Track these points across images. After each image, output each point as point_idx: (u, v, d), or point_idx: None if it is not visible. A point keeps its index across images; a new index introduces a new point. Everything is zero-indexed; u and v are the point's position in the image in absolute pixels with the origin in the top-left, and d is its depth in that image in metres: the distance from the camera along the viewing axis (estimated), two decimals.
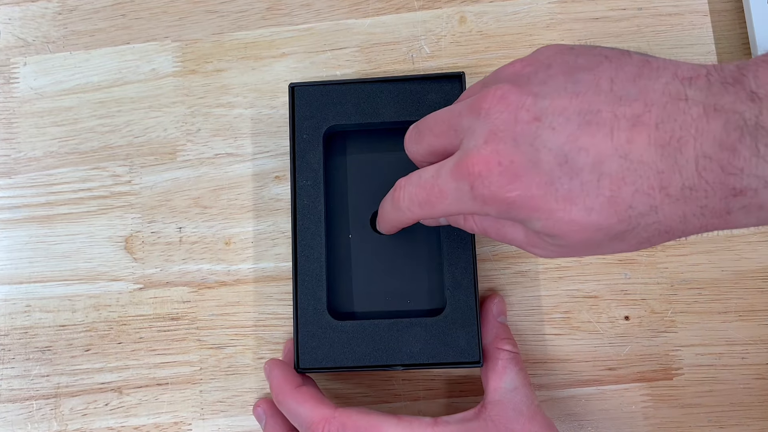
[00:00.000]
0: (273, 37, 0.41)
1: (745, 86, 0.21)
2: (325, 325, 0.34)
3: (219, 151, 0.40)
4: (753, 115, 0.20)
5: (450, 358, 0.33)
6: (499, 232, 0.28)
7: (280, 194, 0.39)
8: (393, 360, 0.33)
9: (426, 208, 0.27)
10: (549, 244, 0.25)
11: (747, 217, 0.21)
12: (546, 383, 0.37)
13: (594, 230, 0.23)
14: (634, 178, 0.22)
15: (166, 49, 0.41)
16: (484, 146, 0.24)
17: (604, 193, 0.22)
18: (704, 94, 0.21)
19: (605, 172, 0.22)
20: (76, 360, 0.38)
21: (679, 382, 0.37)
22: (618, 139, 0.22)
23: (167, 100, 0.40)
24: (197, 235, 0.39)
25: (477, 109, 0.25)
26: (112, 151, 0.40)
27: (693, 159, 0.21)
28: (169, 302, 0.38)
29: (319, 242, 0.35)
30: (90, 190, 0.40)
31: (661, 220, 0.22)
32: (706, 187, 0.21)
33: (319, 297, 0.34)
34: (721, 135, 0.20)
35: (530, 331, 0.37)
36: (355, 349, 0.34)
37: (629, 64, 0.23)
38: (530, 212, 0.23)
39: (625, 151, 0.22)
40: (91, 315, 0.38)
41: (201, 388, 0.37)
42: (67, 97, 0.41)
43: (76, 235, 0.39)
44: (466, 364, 0.33)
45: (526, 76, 0.25)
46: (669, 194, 0.21)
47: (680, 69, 0.22)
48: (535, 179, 0.23)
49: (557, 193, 0.23)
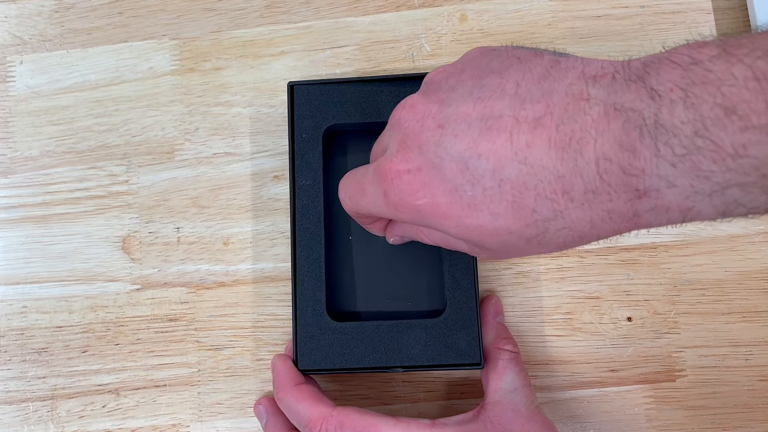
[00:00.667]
0: (272, 36, 0.40)
1: (647, 83, 0.20)
2: (324, 326, 0.34)
3: (217, 151, 0.39)
4: (652, 113, 0.19)
5: (450, 360, 0.33)
6: (447, 243, 0.28)
7: (279, 194, 0.39)
8: (393, 362, 0.33)
9: (354, 201, 0.28)
10: (480, 250, 0.25)
11: (657, 219, 0.21)
12: (547, 385, 0.37)
13: (506, 234, 0.23)
14: (534, 182, 0.21)
15: (163, 48, 0.41)
16: (395, 154, 0.24)
17: (507, 198, 0.22)
18: (606, 92, 0.21)
19: (505, 178, 0.22)
20: (73, 361, 0.38)
21: (682, 383, 0.36)
22: (518, 144, 0.22)
23: (165, 99, 0.40)
24: (195, 235, 0.39)
25: (393, 120, 0.26)
26: (109, 150, 0.40)
27: (593, 161, 0.20)
28: (167, 303, 0.38)
29: (319, 242, 0.35)
30: (87, 189, 0.39)
31: (570, 226, 0.22)
32: (608, 189, 0.20)
33: (318, 298, 0.34)
34: (621, 135, 0.20)
35: (531, 332, 0.37)
36: (354, 350, 0.33)
37: (538, 66, 0.23)
38: (440, 220, 0.24)
39: (525, 155, 0.21)
40: (88, 316, 0.38)
41: (199, 390, 0.37)
42: (64, 95, 0.40)
43: (73, 236, 0.39)
44: (467, 366, 0.33)
45: (437, 83, 0.26)
46: (572, 198, 0.21)
47: (588, 67, 0.22)
48: (440, 187, 0.23)
49: (461, 200, 0.23)
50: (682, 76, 0.19)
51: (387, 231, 0.33)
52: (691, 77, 0.19)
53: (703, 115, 0.18)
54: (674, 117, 0.19)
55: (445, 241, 0.29)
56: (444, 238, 0.29)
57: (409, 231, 0.31)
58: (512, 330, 0.36)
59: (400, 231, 0.32)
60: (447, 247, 0.29)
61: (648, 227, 0.22)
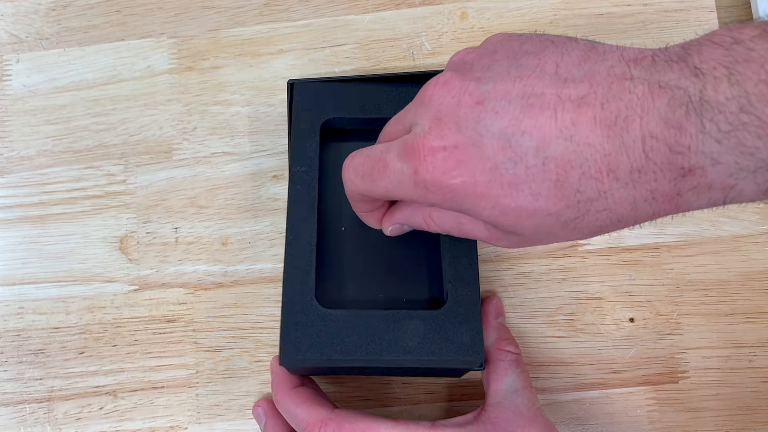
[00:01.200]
0: (270, 34, 0.40)
1: (689, 63, 0.20)
2: (311, 312, 0.31)
3: (216, 150, 0.39)
4: (697, 90, 0.19)
5: (452, 355, 0.30)
6: (461, 229, 0.27)
7: (278, 194, 0.38)
8: (388, 354, 0.30)
9: (367, 180, 0.26)
10: (504, 236, 0.24)
11: (698, 199, 0.21)
12: (549, 386, 0.36)
13: (543, 216, 0.22)
14: (580, 161, 0.21)
15: (161, 46, 0.40)
16: (429, 131, 0.23)
17: (550, 177, 0.21)
18: (649, 72, 0.21)
19: (550, 156, 0.21)
20: (70, 363, 0.37)
21: (685, 385, 0.36)
22: (562, 121, 0.21)
23: (163, 98, 0.40)
24: (193, 235, 0.38)
25: (422, 98, 0.25)
26: (106, 149, 0.39)
27: (639, 139, 0.20)
28: (164, 304, 0.38)
29: (311, 229, 0.32)
30: (84, 189, 0.39)
31: (611, 207, 0.22)
32: (654, 168, 0.20)
33: (307, 284, 0.31)
34: (666, 112, 0.20)
35: (533, 333, 0.37)
36: (344, 340, 0.30)
37: (575, 49, 0.23)
38: (475, 200, 0.23)
39: (570, 132, 0.21)
40: (85, 317, 0.38)
41: (197, 392, 0.37)
42: (61, 94, 0.40)
43: (70, 236, 0.39)
44: (466, 364, 0.31)
45: (469, 62, 0.25)
46: (618, 178, 0.21)
47: (626, 52, 0.22)
48: (479, 165, 0.22)
49: (502, 178, 0.22)
50: (725, 55, 0.19)
51: (385, 219, 0.31)
52: (733, 56, 0.19)
53: (748, 92, 0.19)
54: (719, 94, 0.19)
55: (458, 227, 0.27)
56: (457, 224, 0.27)
57: (415, 217, 0.29)
58: (513, 331, 0.36)
59: (402, 218, 0.30)
60: (458, 234, 0.27)
61: (687, 209, 0.22)
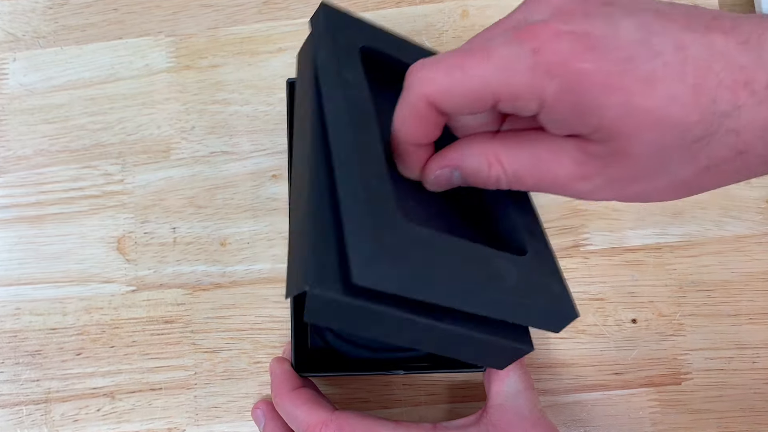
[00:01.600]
0: (270, 32, 0.40)
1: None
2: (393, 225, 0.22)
3: (214, 149, 0.39)
4: None
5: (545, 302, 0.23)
6: (537, 168, 0.22)
7: (278, 193, 0.38)
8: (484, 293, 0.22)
9: (456, 73, 0.21)
10: (603, 165, 0.21)
11: None
12: (550, 388, 0.36)
13: (670, 127, 0.19)
14: (719, 68, 0.19)
15: (159, 45, 0.40)
16: (551, 18, 0.20)
17: (688, 80, 0.19)
18: None
19: (690, 56, 0.19)
20: (67, 364, 0.37)
21: (688, 386, 0.36)
22: (696, 30, 0.19)
23: (161, 97, 0.39)
24: (192, 235, 0.38)
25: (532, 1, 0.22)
26: (104, 149, 0.39)
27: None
28: (162, 305, 0.37)
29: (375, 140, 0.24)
30: (81, 189, 0.39)
31: (740, 129, 0.19)
32: None
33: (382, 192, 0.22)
34: None
35: (534, 334, 0.35)
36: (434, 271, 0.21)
37: None
38: (604, 93, 0.19)
39: (705, 39, 0.19)
40: (82, 318, 0.37)
41: (196, 393, 0.37)
42: (58, 93, 0.40)
43: (67, 236, 0.38)
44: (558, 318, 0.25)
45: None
46: (754, 91, 0.19)
47: None
48: (613, 53, 0.19)
49: (637, 71, 0.19)
50: None
51: (432, 161, 0.25)
52: None
53: None
54: None
55: (533, 167, 0.22)
56: (533, 162, 0.22)
57: (475, 157, 0.23)
58: None
59: (457, 157, 0.24)
60: (532, 176, 0.22)
61: None
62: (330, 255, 0.22)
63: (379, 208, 0.21)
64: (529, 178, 0.23)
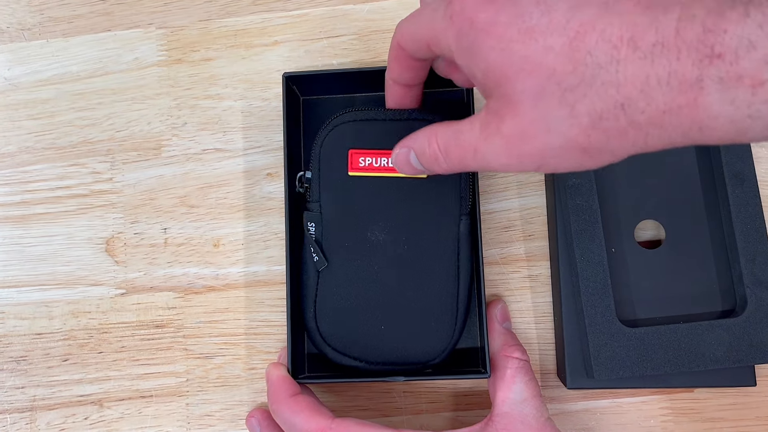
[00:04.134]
0: (265, 24, 0.39)
1: None
2: (616, 332, 0.32)
3: (207, 147, 0.38)
4: None
5: (759, 360, 0.32)
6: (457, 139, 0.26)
7: (273, 192, 0.37)
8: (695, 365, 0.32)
9: (410, 23, 0.27)
10: (499, 121, 0.24)
11: (721, 99, 0.19)
12: (558, 395, 0.35)
13: (545, 74, 0.22)
14: (604, 25, 0.21)
15: (150, 37, 0.39)
16: None
17: (569, 34, 0.21)
18: None
19: (577, 17, 0.21)
20: (54, 371, 0.36)
21: (701, 394, 0.35)
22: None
23: (151, 92, 0.38)
24: (183, 236, 0.37)
25: None
26: (92, 146, 0.38)
27: (675, 18, 0.19)
28: (153, 309, 0.36)
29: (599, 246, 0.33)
30: (68, 188, 0.38)
31: (620, 82, 0.20)
32: (680, 45, 0.19)
33: (606, 304, 0.32)
34: (711, 3, 0.19)
35: (541, 339, 0.35)
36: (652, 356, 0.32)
37: None
38: (488, 39, 0.23)
39: (608, 2, 0.21)
40: (69, 322, 0.37)
41: (188, 401, 0.36)
42: (44, 88, 0.39)
43: (54, 237, 0.37)
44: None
45: None
46: (636, 47, 0.20)
47: None
48: (507, 8, 0.23)
49: (523, 24, 0.22)
50: None
51: (395, 146, 0.29)
52: None
53: None
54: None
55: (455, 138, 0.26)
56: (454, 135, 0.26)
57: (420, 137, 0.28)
58: (520, 337, 0.35)
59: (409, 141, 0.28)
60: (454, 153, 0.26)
61: (705, 118, 0.20)
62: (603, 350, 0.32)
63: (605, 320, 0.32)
64: (454, 150, 0.26)
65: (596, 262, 0.33)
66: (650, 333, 0.32)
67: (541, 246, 0.36)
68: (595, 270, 0.33)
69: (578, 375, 0.33)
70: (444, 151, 0.27)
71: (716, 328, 0.32)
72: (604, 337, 0.32)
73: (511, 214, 0.36)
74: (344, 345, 0.32)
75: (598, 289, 0.32)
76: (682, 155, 0.35)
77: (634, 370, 0.32)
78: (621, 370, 0.32)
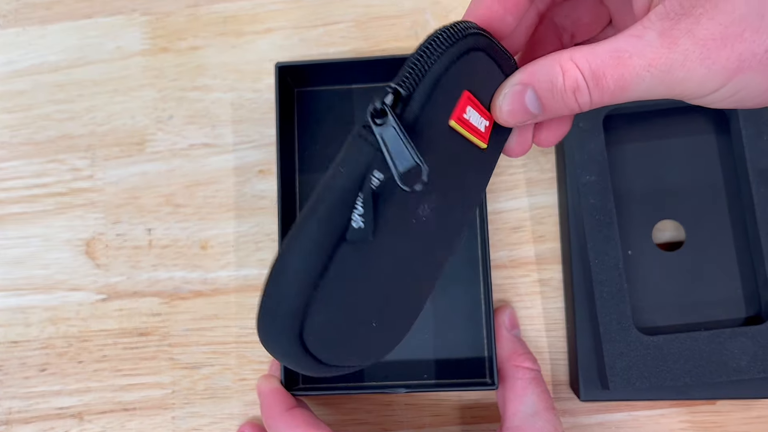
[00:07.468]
0: (256, 10, 0.38)
1: None
2: (633, 341, 0.31)
3: (194, 142, 0.37)
4: None
5: None
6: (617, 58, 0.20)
7: (265, 191, 0.36)
8: (717, 376, 0.30)
9: None
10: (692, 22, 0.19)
11: None
12: (571, 408, 0.34)
13: None
14: None
15: (133, 24, 0.38)
16: None
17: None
18: None
19: None
20: (30, 381, 0.35)
21: (723, 406, 0.33)
22: None
23: (135, 83, 0.38)
24: (169, 237, 0.36)
25: None
26: (71, 141, 0.37)
27: None
28: (136, 315, 0.36)
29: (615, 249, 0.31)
30: (46, 186, 0.37)
31: None
32: None
33: (622, 311, 0.31)
34: None
35: (552, 348, 0.34)
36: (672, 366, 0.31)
37: None
38: None
39: None
40: (47, 330, 0.36)
41: (174, 414, 0.35)
42: (20, 79, 0.38)
43: (30, 238, 0.37)
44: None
45: None
46: None
47: None
48: None
49: None
50: None
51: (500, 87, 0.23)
52: None
53: None
54: None
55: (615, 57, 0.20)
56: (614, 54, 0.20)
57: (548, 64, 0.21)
58: (530, 345, 0.34)
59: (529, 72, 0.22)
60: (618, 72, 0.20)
61: None
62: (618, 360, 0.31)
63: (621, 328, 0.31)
64: (612, 71, 0.20)
65: (611, 266, 0.31)
66: (669, 341, 0.31)
67: (552, 248, 0.35)
68: (610, 274, 0.31)
69: (592, 386, 0.32)
70: (593, 77, 0.20)
71: (740, 335, 0.31)
72: (620, 346, 0.31)
73: (521, 214, 0.35)
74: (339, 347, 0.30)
75: (613, 295, 0.31)
76: (703, 150, 0.34)
77: (652, 380, 0.31)
78: (638, 381, 0.31)
